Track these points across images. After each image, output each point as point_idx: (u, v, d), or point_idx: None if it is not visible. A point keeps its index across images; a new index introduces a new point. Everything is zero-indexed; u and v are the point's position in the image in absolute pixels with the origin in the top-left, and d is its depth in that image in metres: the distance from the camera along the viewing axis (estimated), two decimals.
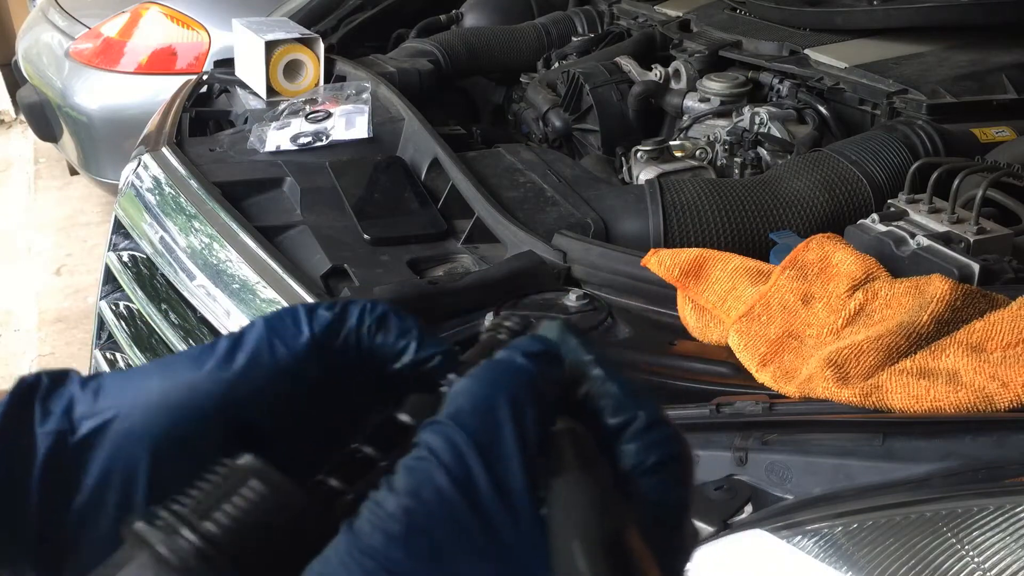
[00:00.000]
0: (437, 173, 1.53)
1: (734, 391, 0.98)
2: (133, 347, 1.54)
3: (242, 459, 0.34)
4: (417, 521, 0.30)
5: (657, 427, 0.35)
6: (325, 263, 1.30)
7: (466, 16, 2.51)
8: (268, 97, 1.90)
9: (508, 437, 0.33)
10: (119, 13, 3.21)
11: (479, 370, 0.35)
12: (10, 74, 4.24)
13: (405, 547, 0.30)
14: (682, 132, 1.84)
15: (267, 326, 0.41)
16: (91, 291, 3.20)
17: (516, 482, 0.32)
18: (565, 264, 1.22)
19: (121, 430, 0.37)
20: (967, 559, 0.69)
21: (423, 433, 0.33)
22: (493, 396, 0.34)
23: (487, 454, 0.32)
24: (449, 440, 0.32)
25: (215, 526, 0.32)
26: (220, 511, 0.32)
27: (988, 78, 1.65)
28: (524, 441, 0.33)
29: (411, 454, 0.32)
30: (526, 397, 0.34)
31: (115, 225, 1.68)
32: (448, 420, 0.33)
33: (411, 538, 0.30)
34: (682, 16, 2.22)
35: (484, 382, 0.34)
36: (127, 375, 0.39)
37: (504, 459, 0.32)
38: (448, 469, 0.31)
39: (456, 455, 0.32)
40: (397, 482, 0.31)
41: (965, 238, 1.14)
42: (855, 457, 0.81)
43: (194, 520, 0.32)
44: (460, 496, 0.31)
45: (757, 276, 1.08)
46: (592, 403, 0.36)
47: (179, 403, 0.37)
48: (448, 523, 0.31)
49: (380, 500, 0.31)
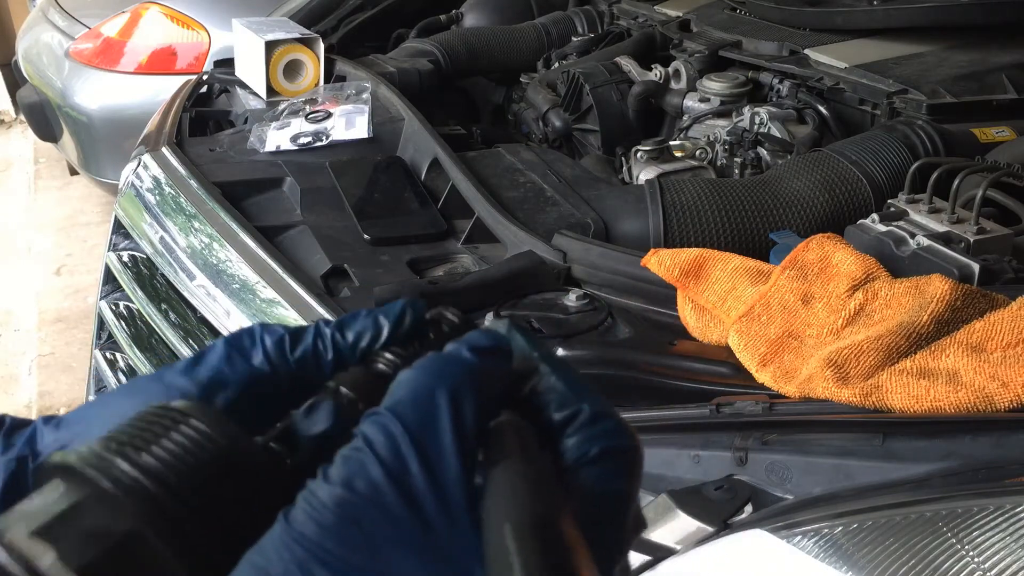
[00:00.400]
0: (437, 173, 1.53)
1: (734, 391, 0.98)
2: (133, 347, 1.54)
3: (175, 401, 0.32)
4: (349, 512, 0.30)
5: (601, 419, 0.36)
6: (325, 263, 1.30)
7: (466, 16, 2.51)
8: (268, 97, 1.90)
9: (445, 429, 0.33)
10: (119, 13, 3.21)
11: (423, 361, 0.35)
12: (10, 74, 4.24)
13: (337, 537, 0.30)
14: (682, 132, 1.84)
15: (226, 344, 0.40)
16: (91, 291, 3.20)
17: (450, 474, 0.32)
18: (565, 264, 1.22)
19: None
20: (967, 559, 0.69)
21: (362, 424, 0.33)
22: (432, 387, 0.34)
23: (422, 446, 0.32)
24: (385, 431, 0.32)
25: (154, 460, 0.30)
26: (158, 447, 0.30)
27: (988, 78, 1.65)
28: (461, 433, 0.33)
29: (349, 444, 0.32)
30: (466, 389, 0.34)
31: (115, 225, 1.68)
32: (386, 411, 0.33)
33: (343, 528, 0.30)
34: (682, 16, 2.22)
35: (426, 373, 0.34)
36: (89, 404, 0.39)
37: (439, 451, 0.32)
38: (382, 460, 0.31)
39: (391, 446, 0.32)
40: (332, 472, 0.31)
41: (965, 238, 1.14)
42: (855, 457, 0.81)
43: (131, 452, 0.30)
44: (392, 487, 0.31)
45: (757, 276, 1.08)
46: (538, 398, 0.36)
47: None
48: (380, 514, 0.31)
49: (314, 490, 0.31)
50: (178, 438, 0.31)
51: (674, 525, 0.80)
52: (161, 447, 0.30)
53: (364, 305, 1.17)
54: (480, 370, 0.35)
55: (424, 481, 0.31)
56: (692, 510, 0.80)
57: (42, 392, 2.84)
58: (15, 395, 2.85)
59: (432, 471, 0.32)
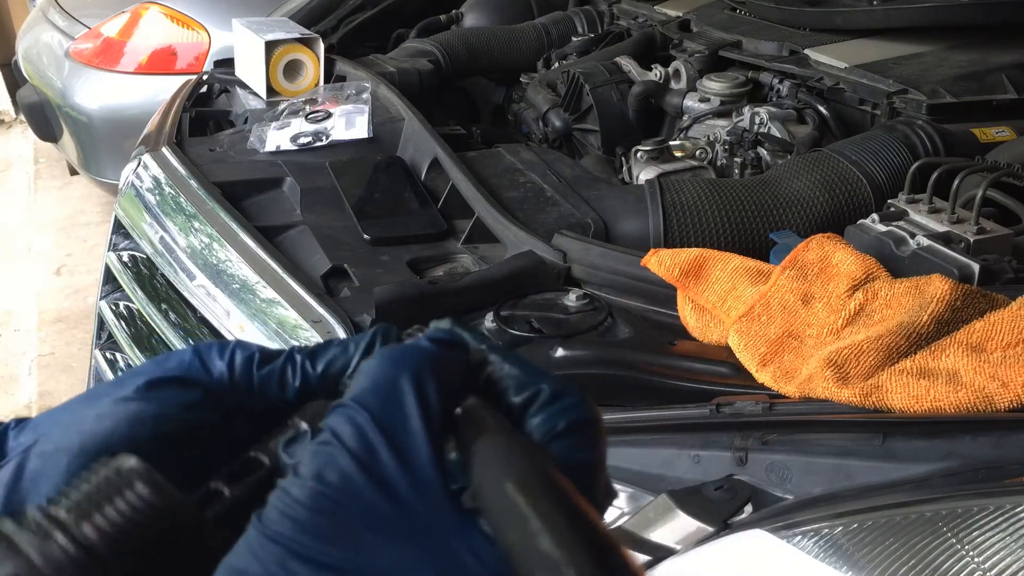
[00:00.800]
0: (437, 173, 1.53)
1: (734, 391, 0.98)
2: (133, 347, 1.54)
3: (125, 460, 0.33)
4: (323, 504, 0.30)
5: (562, 396, 0.36)
6: (325, 263, 1.30)
7: (466, 16, 2.51)
8: (268, 97, 1.90)
9: (411, 412, 0.33)
10: (119, 13, 3.21)
11: (382, 351, 0.36)
12: (10, 74, 4.24)
13: (313, 531, 0.30)
14: (682, 132, 1.84)
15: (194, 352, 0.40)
16: (91, 291, 3.20)
17: (421, 455, 0.32)
18: (565, 264, 1.22)
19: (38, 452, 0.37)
20: (967, 559, 0.69)
21: (328, 417, 0.33)
22: (394, 373, 0.34)
23: (389, 430, 0.32)
24: (351, 420, 0.32)
25: (94, 531, 0.30)
26: (100, 514, 0.31)
27: (988, 78, 1.65)
28: (427, 415, 0.33)
29: (316, 439, 0.33)
30: (427, 374, 0.34)
31: (115, 225, 1.68)
32: (351, 401, 0.33)
33: (319, 522, 0.30)
34: (682, 16, 2.22)
35: (386, 361, 0.35)
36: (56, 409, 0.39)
37: (407, 434, 0.32)
38: (351, 450, 0.31)
39: (358, 434, 0.32)
40: (302, 468, 0.31)
41: (965, 238, 1.14)
42: (855, 457, 0.81)
43: (70, 523, 0.31)
44: (364, 475, 0.31)
45: (757, 276, 1.08)
46: (495, 386, 0.37)
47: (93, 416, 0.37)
48: (355, 503, 0.31)
49: (286, 487, 0.31)
50: (121, 505, 0.31)
51: (674, 525, 0.80)
52: (103, 515, 0.31)
53: (364, 305, 1.17)
54: (439, 357, 0.35)
55: (395, 466, 0.32)
56: (692, 510, 0.80)
57: (42, 392, 2.84)
58: (15, 395, 2.85)
59: (402, 455, 0.32)
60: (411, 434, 0.32)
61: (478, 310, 1.16)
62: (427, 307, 1.14)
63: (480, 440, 0.33)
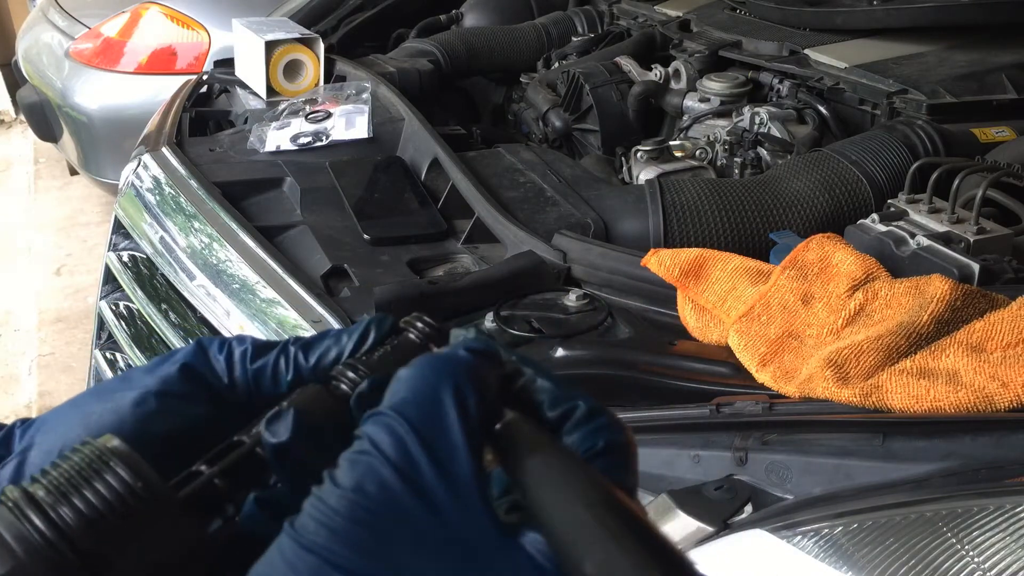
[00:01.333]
0: (437, 173, 1.53)
1: (734, 391, 0.98)
2: (133, 347, 1.54)
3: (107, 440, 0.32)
4: (362, 515, 0.30)
5: (597, 415, 0.36)
6: (325, 263, 1.30)
7: (466, 16, 2.51)
8: (268, 97, 1.90)
9: (452, 425, 0.32)
10: (119, 13, 3.21)
11: (420, 360, 0.35)
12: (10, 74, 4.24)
13: (351, 542, 0.30)
14: (682, 132, 1.84)
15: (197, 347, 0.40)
16: (91, 291, 3.20)
17: (462, 467, 0.32)
18: (565, 264, 1.22)
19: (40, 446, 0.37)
20: (967, 559, 0.69)
21: (365, 425, 0.33)
22: (435, 384, 0.33)
23: (431, 443, 0.32)
24: (391, 431, 0.32)
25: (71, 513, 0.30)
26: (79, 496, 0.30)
27: (988, 78, 1.65)
28: (468, 427, 0.33)
29: (352, 447, 0.32)
30: (467, 385, 0.34)
31: (115, 225, 1.68)
32: (389, 411, 0.33)
33: (357, 532, 0.30)
34: (682, 16, 2.22)
35: (426, 371, 0.34)
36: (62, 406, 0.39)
37: (449, 447, 0.32)
38: (391, 461, 0.31)
39: (399, 446, 0.31)
40: (339, 476, 0.31)
41: (965, 238, 1.14)
42: (855, 457, 0.81)
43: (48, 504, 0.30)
44: (405, 487, 0.31)
45: (757, 276, 1.08)
46: (529, 397, 0.37)
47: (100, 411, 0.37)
48: (394, 515, 0.30)
49: (323, 495, 0.31)
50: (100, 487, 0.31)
51: (674, 525, 0.80)
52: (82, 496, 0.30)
53: (364, 305, 1.17)
54: (478, 368, 0.35)
55: (436, 477, 0.31)
56: (692, 510, 0.80)
57: (42, 392, 2.84)
58: (15, 395, 2.85)
59: (443, 468, 0.31)
60: (452, 446, 0.32)
61: (478, 310, 1.15)
62: (427, 307, 1.14)
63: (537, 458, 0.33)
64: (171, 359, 0.39)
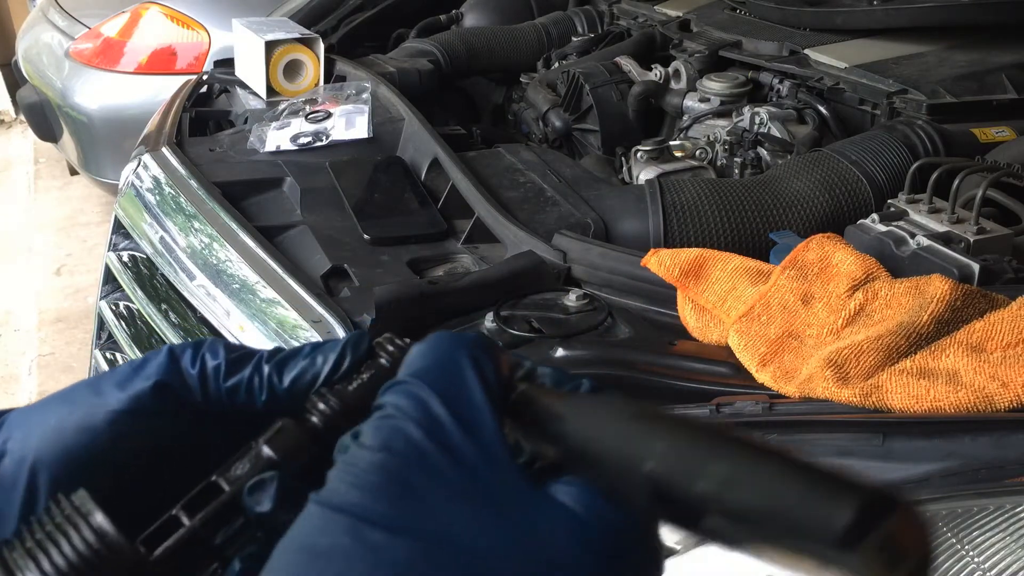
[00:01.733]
0: (437, 173, 1.53)
1: (734, 391, 0.98)
2: (133, 347, 1.54)
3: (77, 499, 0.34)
4: (392, 471, 0.31)
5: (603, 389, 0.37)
6: (325, 263, 1.30)
7: (466, 16, 2.51)
8: (268, 97, 1.90)
9: (473, 386, 0.33)
10: (119, 13, 3.21)
11: (432, 336, 0.36)
12: (10, 74, 4.24)
13: (384, 497, 0.30)
14: (682, 132, 1.84)
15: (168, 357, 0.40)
16: (91, 291, 3.20)
17: (487, 426, 0.33)
18: (565, 264, 1.22)
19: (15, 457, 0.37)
20: (967, 559, 0.69)
21: (383, 396, 0.33)
22: (452, 352, 0.34)
23: (453, 403, 0.33)
24: (411, 395, 0.33)
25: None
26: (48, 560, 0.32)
27: (988, 78, 1.65)
28: (488, 389, 0.33)
29: (374, 416, 0.33)
30: (484, 355, 0.35)
31: (115, 225, 1.68)
32: (408, 378, 0.33)
33: (389, 488, 0.30)
34: (682, 16, 2.21)
35: (441, 342, 0.35)
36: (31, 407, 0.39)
37: (471, 406, 0.33)
38: (415, 420, 0.32)
39: (422, 406, 0.32)
40: (365, 440, 0.32)
41: (965, 238, 1.14)
42: (855, 457, 0.81)
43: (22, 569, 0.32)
44: (432, 443, 0.31)
45: (757, 276, 1.08)
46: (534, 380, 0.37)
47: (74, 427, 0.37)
48: (424, 470, 0.31)
49: (350, 459, 0.31)
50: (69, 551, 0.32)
51: None
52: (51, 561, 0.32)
53: (364, 305, 1.17)
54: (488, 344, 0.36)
55: (461, 435, 0.32)
56: None
57: (42, 392, 2.84)
58: (15, 395, 2.85)
59: (467, 425, 0.32)
60: (474, 405, 0.33)
61: (478, 310, 1.15)
62: (427, 307, 1.14)
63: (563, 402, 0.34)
64: (142, 372, 0.39)
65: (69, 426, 0.37)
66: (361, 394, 0.38)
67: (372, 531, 0.29)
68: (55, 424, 0.37)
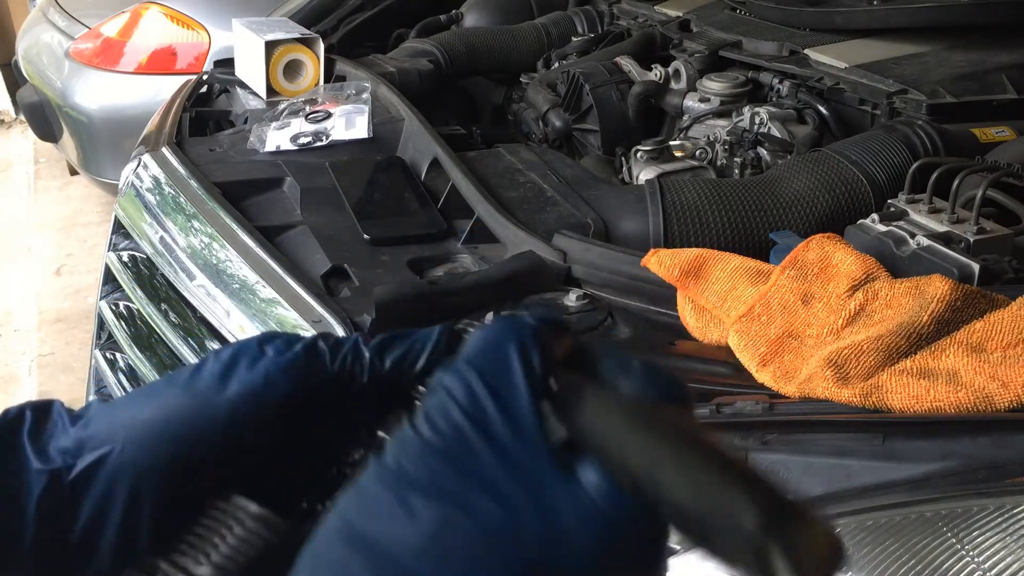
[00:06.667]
0: (437, 173, 1.53)
1: (734, 391, 0.98)
2: (133, 347, 1.54)
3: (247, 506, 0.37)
4: (436, 449, 0.34)
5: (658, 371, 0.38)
6: (325, 263, 1.30)
7: (466, 16, 2.51)
8: (268, 97, 1.90)
9: (516, 373, 0.36)
10: (119, 13, 3.21)
11: (489, 323, 0.39)
12: (10, 74, 4.24)
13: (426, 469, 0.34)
14: (682, 132, 1.84)
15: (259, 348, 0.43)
16: (91, 291, 3.20)
17: (524, 409, 0.35)
18: (565, 264, 1.22)
19: (119, 464, 0.38)
20: (967, 559, 0.69)
21: (441, 375, 0.37)
22: (501, 339, 0.37)
23: (496, 388, 0.36)
24: (461, 378, 0.36)
25: None
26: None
27: (988, 78, 1.65)
28: (530, 377, 0.36)
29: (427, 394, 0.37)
30: (532, 343, 0.37)
31: (115, 225, 1.68)
32: (461, 361, 0.37)
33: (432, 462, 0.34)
34: (682, 16, 2.21)
35: (495, 328, 0.38)
36: (114, 405, 0.41)
37: (512, 392, 0.36)
38: (460, 404, 0.35)
39: (467, 390, 0.36)
40: (418, 420, 0.36)
41: (965, 238, 1.14)
42: (855, 457, 0.81)
43: None
44: (473, 428, 0.35)
45: (757, 276, 1.08)
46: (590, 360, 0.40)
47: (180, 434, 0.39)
48: (465, 452, 0.34)
49: (403, 437, 0.35)
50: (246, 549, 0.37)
51: None
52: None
53: (364, 305, 1.17)
54: (542, 332, 0.38)
55: (501, 420, 0.35)
56: None
57: (42, 392, 2.84)
58: (15, 395, 2.85)
59: (506, 408, 0.35)
60: (515, 391, 0.36)
61: (478, 310, 1.15)
62: (427, 307, 1.14)
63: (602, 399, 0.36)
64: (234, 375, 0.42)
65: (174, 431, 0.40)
66: None
67: (414, 496, 0.33)
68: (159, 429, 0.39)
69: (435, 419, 0.35)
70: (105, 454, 0.38)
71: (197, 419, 0.39)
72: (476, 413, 0.35)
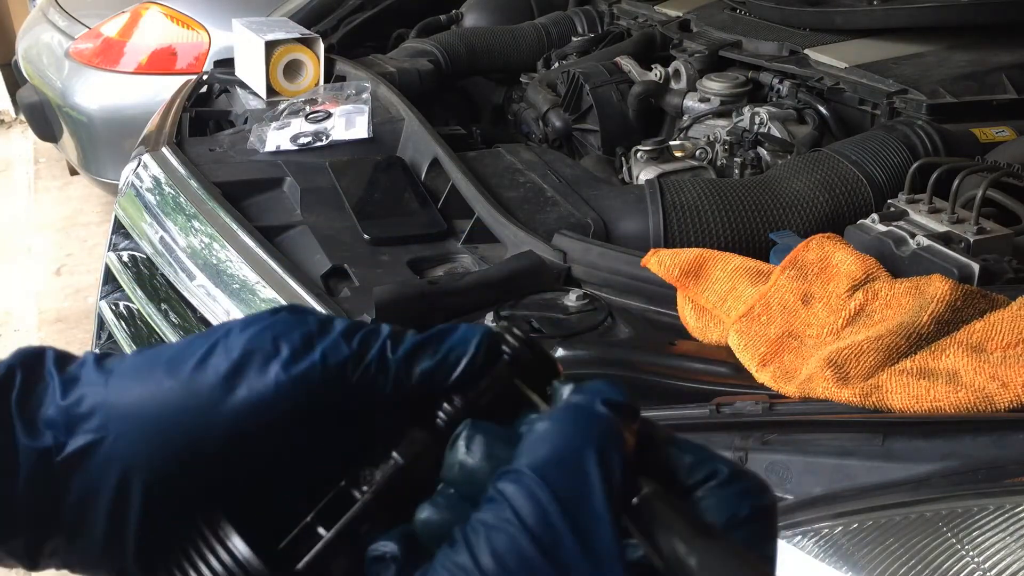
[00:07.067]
0: (437, 173, 1.53)
1: (734, 391, 0.98)
2: (133, 347, 1.54)
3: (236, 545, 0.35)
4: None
5: (743, 477, 0.34)
6: (325, 263, 1.30)
7: (466, 16, 2.51)
8: (268, 97, 1.90)
9: (597, 494, 0.30)
10: (119, 13, 3.20)
11: (561, 414, 0.33)
12: (10, 74, 4.23)
13: None
14: (682, 132, 1.84)
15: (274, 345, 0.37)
16: (91, 291, 3.20)
17: (605, 541, 0.30)
18: (565, 264, 1.22)
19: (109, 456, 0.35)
20: (967, 559, 0.69)
21: (501, 483, 0.31)
22: (579, 448, 0.31)
23: (574, 513, 0.30)
24: (532, 496, 0.30)
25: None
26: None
27: (988, 78, 1.65)
28: (612, 498, 0.30)
29: (487, 507, 0.30)
30: (612, 450, 0.31)
31: (115, 225, 1.68)
32: (529, 471, 0.30)
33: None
34: (682, 16, 2.21)
35: (568, 429, 0.32)
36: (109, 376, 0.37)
37: (592, 519, 0.30)
38: (531, 530, 0.29)
39: (540, 514, 0.30)
40: (476, 544, 0.29)
41: (965, 238, 1.14)
42: (855, 457, 0.81)
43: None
44: (545, 561, 0.29)
45: (757, 276, 1.08)
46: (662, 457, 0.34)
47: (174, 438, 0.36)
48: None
49: (459, 562, 0.29)
50: None
51: None
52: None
53: (364, 305, 1.17)
54: (619, 428, 0.32)
55: (577, 552, 0.29)
56: None
57: None
58: None
59: (585, 539, 0.30)
60: (596, 517, 0.30)
61: (478, 310, 1.15)
62: (427, 307, 1.14)
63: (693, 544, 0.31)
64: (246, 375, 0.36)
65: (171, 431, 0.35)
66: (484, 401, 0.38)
67: None
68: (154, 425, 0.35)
69: (502, 551, 0.29)
70: (96, 441, 0.35)
71: (194, 426, 0.35)
72: (550, 545, 0.29)
